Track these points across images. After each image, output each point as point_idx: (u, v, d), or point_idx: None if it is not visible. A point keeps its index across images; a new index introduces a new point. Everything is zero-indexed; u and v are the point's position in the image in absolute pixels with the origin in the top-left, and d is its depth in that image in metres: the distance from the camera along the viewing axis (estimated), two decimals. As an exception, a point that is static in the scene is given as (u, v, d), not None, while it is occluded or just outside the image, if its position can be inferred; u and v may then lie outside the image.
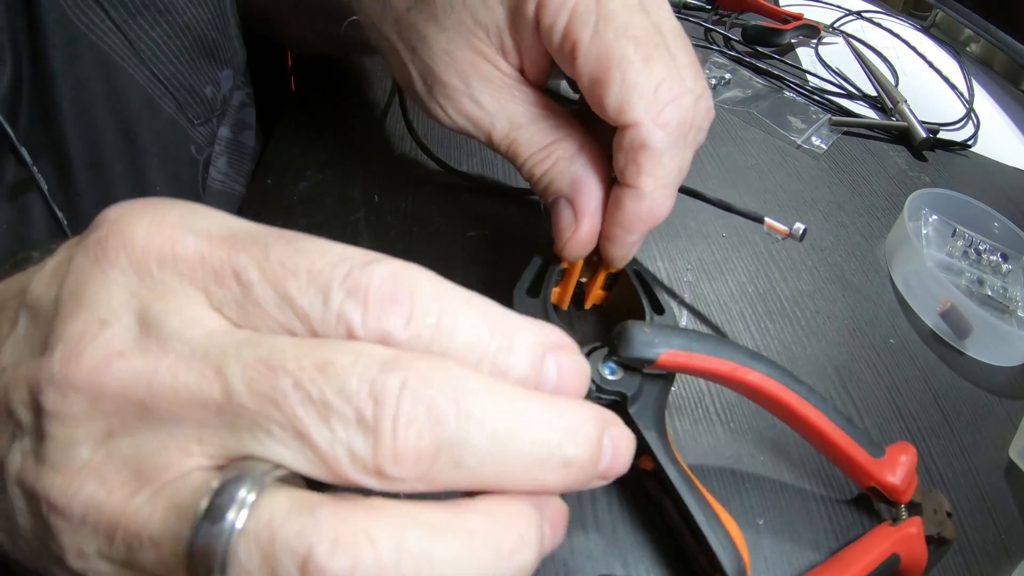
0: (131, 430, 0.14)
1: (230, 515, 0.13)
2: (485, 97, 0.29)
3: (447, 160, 0.43)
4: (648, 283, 0.32)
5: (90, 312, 0.14)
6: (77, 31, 0.28)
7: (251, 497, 0.13)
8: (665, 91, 0.26)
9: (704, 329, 0.36)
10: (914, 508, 0.28)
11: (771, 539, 0.28)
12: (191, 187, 0.37)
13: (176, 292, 0.15)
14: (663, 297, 0.32)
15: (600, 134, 0.29)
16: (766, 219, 0.34)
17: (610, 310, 0.35)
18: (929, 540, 0.27)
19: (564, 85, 0.53)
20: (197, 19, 0.33)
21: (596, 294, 0.35)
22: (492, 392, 0.14)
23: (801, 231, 0.33)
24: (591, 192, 0.29)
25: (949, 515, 0.27)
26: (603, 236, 0.29)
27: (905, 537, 0.26)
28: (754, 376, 0.26)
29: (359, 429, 0.13)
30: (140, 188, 0.33)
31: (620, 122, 0.26)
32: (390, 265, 0.15)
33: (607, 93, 0.26)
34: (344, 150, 0.44)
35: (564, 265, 0.32)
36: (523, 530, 0.15)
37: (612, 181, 0.29)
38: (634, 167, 0.27)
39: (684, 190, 0.38)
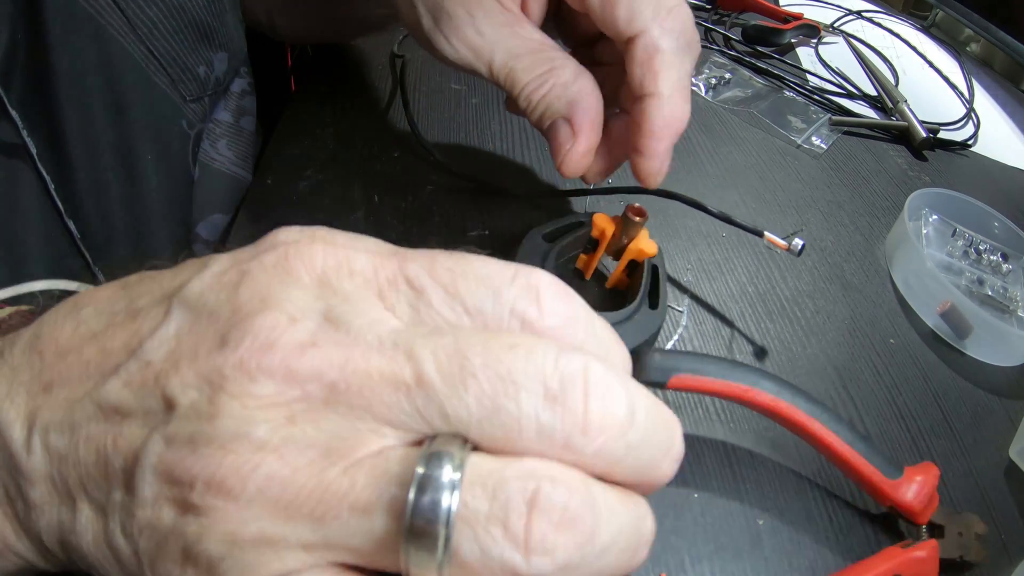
0: (316, 416, 0.15)
1: (450, 473, 0.14)
2: (487, 28, 0.31)
3: (447, 161, 0.43)
4: (658, 280, 0.33)
5: (280, 310, 0.15)
6: (76, 6, 0.29)
7: (461, 457, 0.14)
8: (667, 1, 0.29)
9: (704, 329, 0.36)
10: (936, 530, 0.28)
11: (771, 539, 0.28)
12: (181, 160, 0.37)
13: (356, 298, 0.16)
14: (664, 295, 0.32)
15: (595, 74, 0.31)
16: (765, 233, 0.34)
17: (620, 293, 0.37)
18: (950, 563, 0.27)
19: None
20: (192, 2, 0.34)
21: (618, 277, 0.36)
22: (641, 393, 0.16)
23: (799, 247, 0.33)
24: (588, 109, 0.30)
25: (979, 537, 0.27)
26: (635, 152, 0.30)
27: (912, 560, 0.26)
28: (765, 397, 0.28)
29: (547, 403, 0.15)
30: (130, 158, 0.33)
31: (631, 32, 0.29)
32: (547, 273, 0.17)
33: (617, 6, 0.29)
34: (344, 150, 0.44)
35: (595, 234, 0.34)
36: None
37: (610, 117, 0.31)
38: (651, 74, 0.29)
39: (686, 200, 0.38)
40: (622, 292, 0.36)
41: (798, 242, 0.33)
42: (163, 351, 0.16)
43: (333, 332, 0.15)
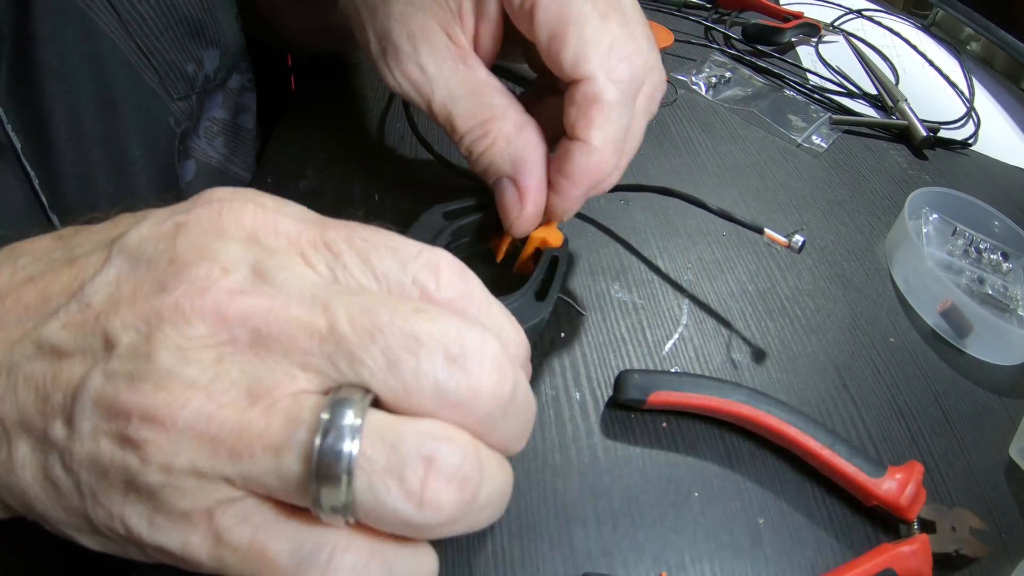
0: (241, 359, 0.16)
1: (352, 419, 0.16)
2: (430, 63, 0.29)
3: (447, 157, 0.43)
4: (554, 272, 0.32)
5: (213, 261, 0.17)
6: (66, 0, 0.29)
7: (363, 406, 0.16)
8: (619, 48, 0.27)
9: (704, 328, 0.36)
10: (928, 525, 0.28)
11: (771, 538, 0.28)
12: (167, 156, 0.37)
13: (281, 255, 0.18)
14: (556, 288, 0.31)
15: (545, 115, 0.30)
16: (766, 230, 0.34)
17: (523, 279, 0.34)
18: (945, 558, 0.27)
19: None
20: None
21: (524, 263, 0.34)
22: (521, 376, 0.19)
23: (800, 243, 0.33)
24: (533, 167, 0.29)
25: (975, 532, 0.28)
26: (549, 185, 0.30)
27: (902, 554, 0.26)
28: (742, 408, 0.30)
29: (446, 364, 0.17)
30: (118, 152, 0.33)
31: (575, 75, 0.28)
32: (448, 253, 0.19)
33: (564, 47, 0.27)
34: (344, 150, 0.44)
35: None
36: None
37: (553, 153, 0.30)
38: (585, 120, 0.28)
39: (686, 198, 0.38)
40: (525, 278, 0.35)
41: (798, 238, 0.33)
42: (103, 294, 0.17)
43: (260, 283, 0.17)
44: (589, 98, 0.28)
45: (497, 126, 0.29)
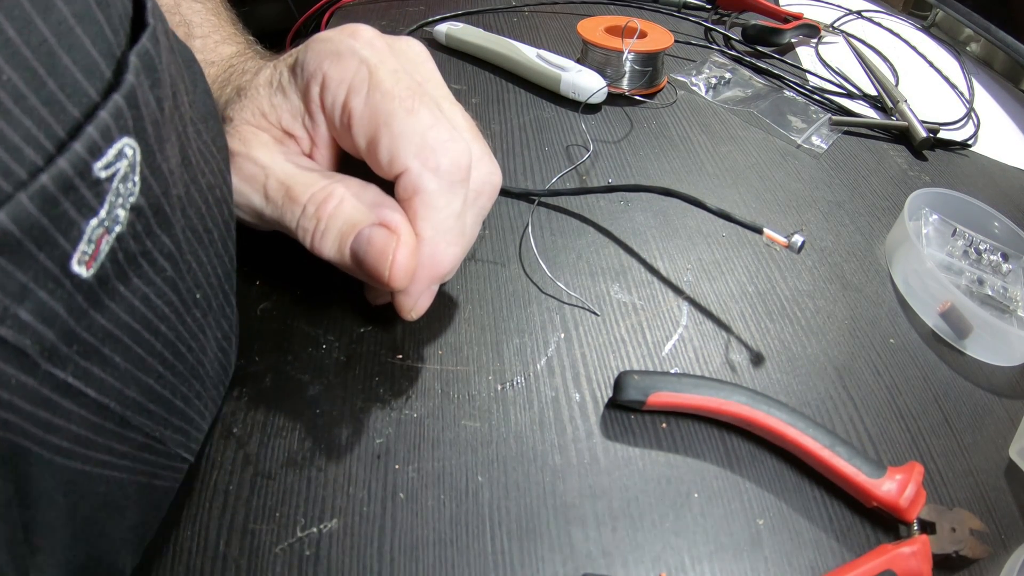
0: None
1: None
2: (263, 155, 0.29)
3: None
4: None
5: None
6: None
7: None
8: (433, 136, 0.27)
9: (703, 329, 0.36)
10: (928, 526, 0.28)
11: (771, 539, 0.28)
12: None
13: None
14: None
15: None
16: (765, 230, 0.34)
17: None
18: (945, 559, 0.27)
19: (563, 81, 0.53)
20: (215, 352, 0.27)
21: None
22: None
23: (799, 244, 0.33)
24: (395, 207, 0.28)
25: (975, 533, 0.28)
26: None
27: (902, 555, 0.26)
28: (742, 409, 0.30)
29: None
30: None
31: (394, 172, 0.27)
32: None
33: (379, 148, 0.27)
34: (344, 150, 0.44)
35: None
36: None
37: None
38: (410, 214, 0.27)
39: (686, 198, 0.38)
40: None
41: (798, 238, 0.33)
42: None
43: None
44: (410, 191, 0.27)
45: (341, 189, 0.28)
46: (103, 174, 0.16)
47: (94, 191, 0.16)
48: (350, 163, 0.31)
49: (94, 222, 0.16)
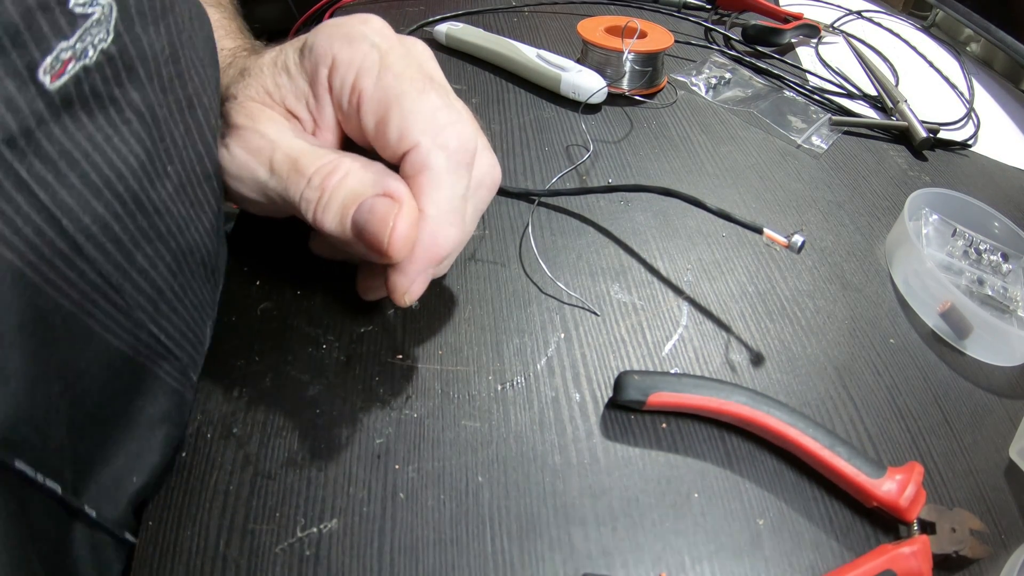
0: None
1: None
2: (271, 129, 0.29)
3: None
4: None
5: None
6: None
7: None
8: (443, 116, 0.27)
9: (703, 329, 0.36)
10: (928, 526, 0.28)
11: (771, 539, 0.28)
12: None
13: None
14: None
15: None
16: (765, 230, 0.34)
17: None
18: (945, 559, 0.27)
19: (563, 81, 0.53)
20: (198, 243, 0.28)
21: None
22: None
23: (799, 244, 0.33)
24: (399, 179, 0.27)
25: (975, 533, 0.28)
26: (389, 266, 0.28)
27: (902, 555, 0.26)
28: (742, 409, 0.30)
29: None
30: None
31: (403, 149, 0.27)
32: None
33: (389, 126, 0.27)
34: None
35: None
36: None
37: None
38: (415, 191, 0.27)
39: (685, 197, 0.38)
40: None
41: (798, 238, 0.33)
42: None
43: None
44: (417, 167, 0.27)
45: (348, 162, 0.28)
46: (78, 10, 0.19)
47: (67, 19, 0.19)
48: (351, 150, 0.31)
49: (64, 44, 0.19)
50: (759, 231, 0.34)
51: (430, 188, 0.27)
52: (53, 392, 0.20)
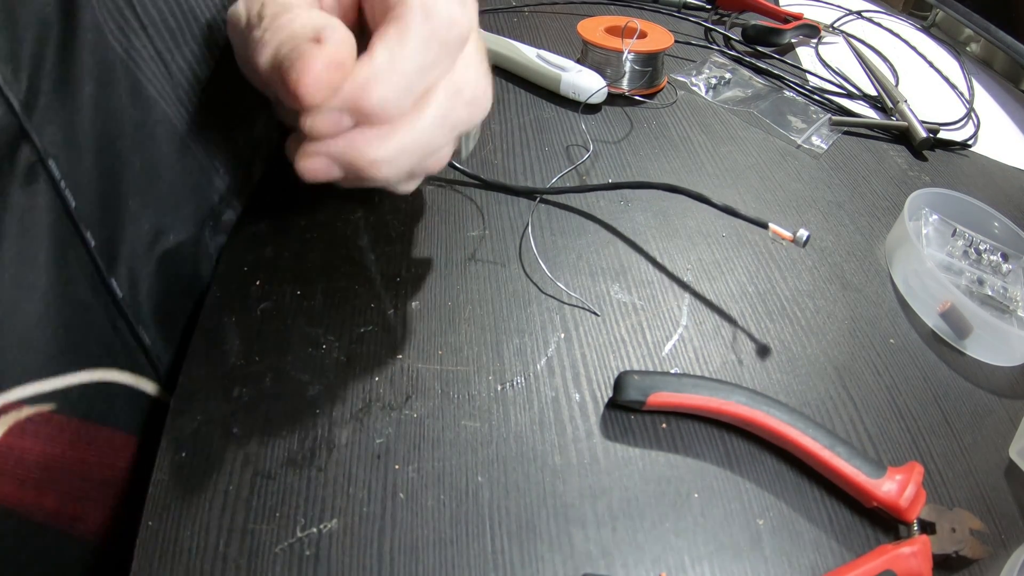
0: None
1: None
2: None
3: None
4: None
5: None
6: (114, 54, 0.26)
7: None
8: None
9: (703, 329, 0.36)
10: (928, 526, 0.28)
11: (771, 539, 0.28)
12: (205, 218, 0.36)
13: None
14: None
15: None
16: (770, 225, 0.34)
17: None
18: (945, 559, 0.27)
19: (563, 81, 0.53)
20: None
21: None
22: None
23: (804, 238, 0.33)
24: (339, 28, 0.25)
25: (975, 533, 0.28)
26: None
27: (902, 555, 0.26)
28: (741, 409, 0.30)
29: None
30: (157, 219, 0.31)
31: (392, 2, 0.26)
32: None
33: None
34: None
35: None
36: None
37: None
38: (377, 35, 0.25)
39: (690, 194, 0.38)
40: None
41: (803, 233, 0.33)
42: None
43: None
44: (391, 16, 0.25)
45: (305, 12, 0.26)
46: None
47: None
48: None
49: None
50: (764, 226, 0.35)
51: (388, 38, 0.25)
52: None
